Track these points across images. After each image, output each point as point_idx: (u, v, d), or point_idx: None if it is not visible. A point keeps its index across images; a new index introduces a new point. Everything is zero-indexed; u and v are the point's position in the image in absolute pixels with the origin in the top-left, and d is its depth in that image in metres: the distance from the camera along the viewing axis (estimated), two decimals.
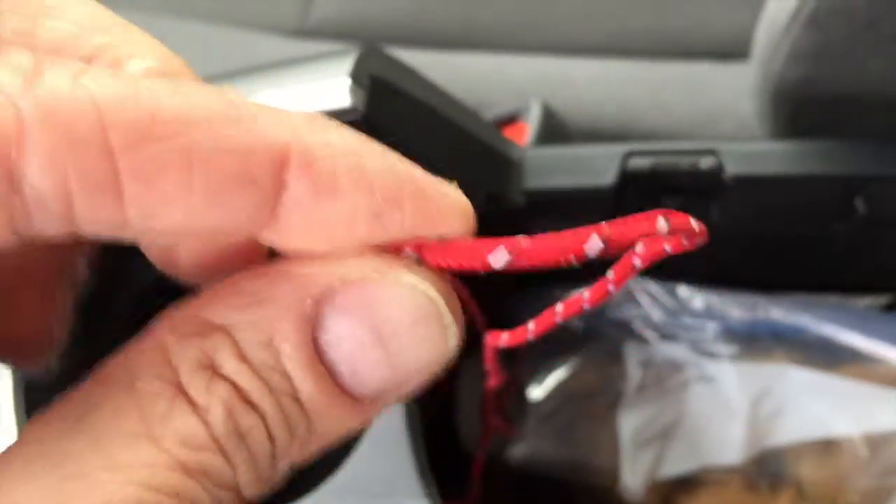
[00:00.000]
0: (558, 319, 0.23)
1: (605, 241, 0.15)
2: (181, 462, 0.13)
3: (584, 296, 0.22)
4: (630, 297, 0.49)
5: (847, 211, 0.41)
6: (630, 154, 0.41)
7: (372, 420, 0.16)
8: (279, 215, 0.14)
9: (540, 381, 0.50)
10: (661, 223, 0.16)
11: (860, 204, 0.40)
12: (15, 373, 0.38)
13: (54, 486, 0.13)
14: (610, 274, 0.21)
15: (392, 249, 0.15)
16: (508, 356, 0.52)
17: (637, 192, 0.42)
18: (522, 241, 0.16)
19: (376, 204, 0.14)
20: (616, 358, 0.50)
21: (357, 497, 0.36)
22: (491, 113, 0.55)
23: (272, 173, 0.14)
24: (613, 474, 0.47)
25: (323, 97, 0.37)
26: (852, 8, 0.36)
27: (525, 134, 0.52)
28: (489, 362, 0.38)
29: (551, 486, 0.48)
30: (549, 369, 0.51)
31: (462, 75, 0.60)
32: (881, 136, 0.41)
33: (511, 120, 0.54)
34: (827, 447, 0.45)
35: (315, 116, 0.15)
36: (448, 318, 0.15)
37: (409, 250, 0.15)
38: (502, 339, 0.29)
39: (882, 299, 0.47)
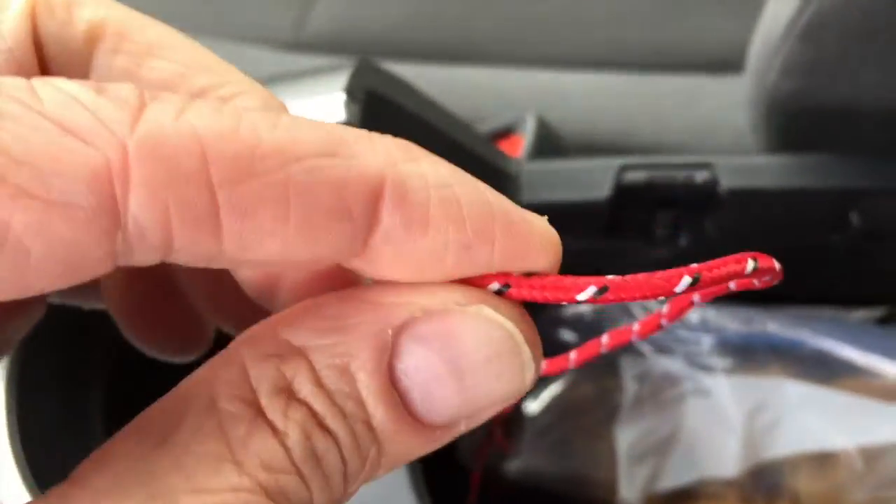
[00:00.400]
0: (603, 350, 0.23)
1: (694, 281, 0.15)
2: (263, 485, 0.14)
3: (634, 328, 0.22)
4: (626, 311, 0.49)
5: (841, 224, 0.41)
6: (625, 168, 0.41)
7: (441, 445, 0.16)
8: (370, 246, 0.14)
9: (536, 395, 0.50)
10: (750, 265, 0.16)
11: (854, 217, 0.40)
12: (10, 373, 0.38)
13: None
14: (664, 309, 0.21)
15: (478, 280, 0.15)
16: None
17: (632, 205, 0.42)
18: (612, 279, 0.16)
19: (467, 237, 0.15)
20: (612, 372, 0.50)
21: None
22: (486, 125, 0.55)
23: (367, 206, 0.14)
24: (611, 488, 0.47)
25: (318, 112, 0.37)
26: (846, 21, 0.37)
27: (520, 147, 0.52)
28: None
29: (548, 501, 0.48)
30: (545, 383, 0.50)
31: (457, 88, 0.60)
32: (874, 149, 0.41)
33: (506, 133, 0.54)
34: (823, 460, 0.45)
35: (408, 145, 0.15)
36: (527, 355, 0.15)
37: (494, 283, 0.15)
38: (542, 366, 0.29)
39: (876, 312, 0.47)
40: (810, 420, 0.46)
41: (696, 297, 0.20)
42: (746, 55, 0.50)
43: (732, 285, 0.19)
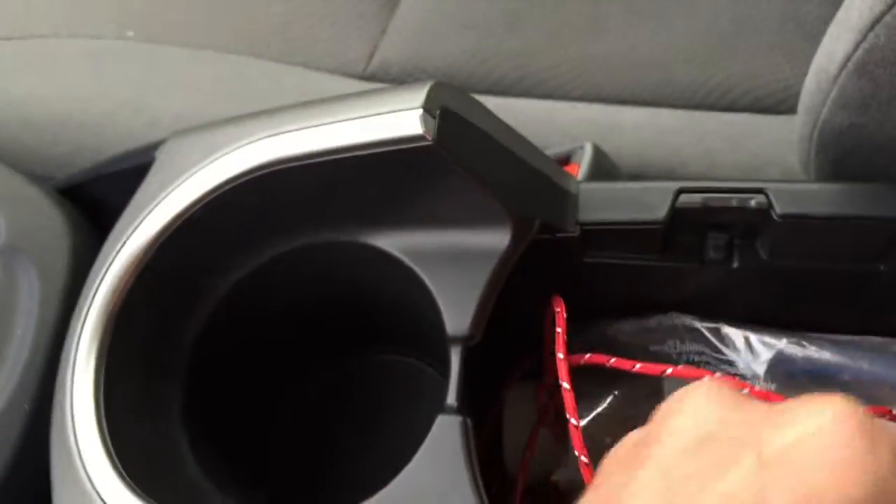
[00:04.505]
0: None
1: None
2: None
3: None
4: (673, 333, 0.50)
5: (892, 253, 0.42)
6: (681, 191, 0.43)
7: None
8: None
9: (584, 413, 0.52)
10: None
11: None
12: (98, 363, 0.41)
13: None
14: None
15: None
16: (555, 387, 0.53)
17: (687, 227, 0.44)
18: None
19: None
20: (657, 392, 0.51)
21: None
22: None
23: None
24: None
25: (396, 125, 0.39)
26: None
27: (577, 173, 0.54)
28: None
29: None
30: (593, 401, 0.52)
31: (516, 119, 0.63)
32: None
33: (564, 161, 0.57)
34: None
35: None
36: None
37: None
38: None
39: None
40: None
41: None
42: (791, 98, 0.52)
43: None
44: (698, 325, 0.49)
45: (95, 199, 0.54)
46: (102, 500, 0.37)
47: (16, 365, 0.46)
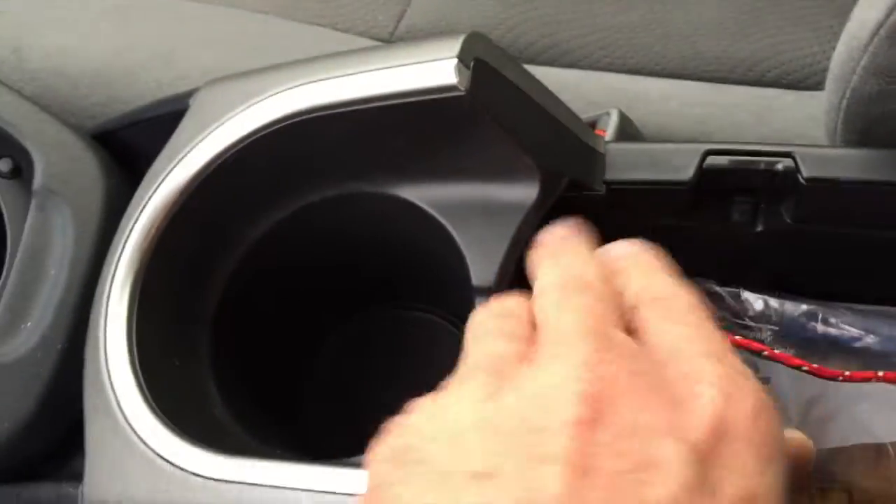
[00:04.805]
0: None
1: None
2: None
3: None
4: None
5: None
6: (709, 152, 0.43)
7: None
8: None
9: None
10: None
11: None
12: (129, 309, 0.41)
13: None
14: None
15: None
16: None
17: (713, 189, 0.44)
18: None
19: None
20: None
21: None
22: None
23: None
24: None
25: (430, 75, 0.40)
26: None
27: (604, 138, 0.54)
28: None
29: None
30: None
31: None
32: None
33: (591, 127, 0.57)
34: (879, 454, 0.47)
35: None
36: None
37: None
38: None
39: None
40: (868, 413, 0.47)
41: None
42: (821, 73, 0.52)
43: None
44: (719, 289, 0.50)
45: (128, 145, 0.55)
46: (134, 430, 0.38)
47: (49, 304, 0.47)
